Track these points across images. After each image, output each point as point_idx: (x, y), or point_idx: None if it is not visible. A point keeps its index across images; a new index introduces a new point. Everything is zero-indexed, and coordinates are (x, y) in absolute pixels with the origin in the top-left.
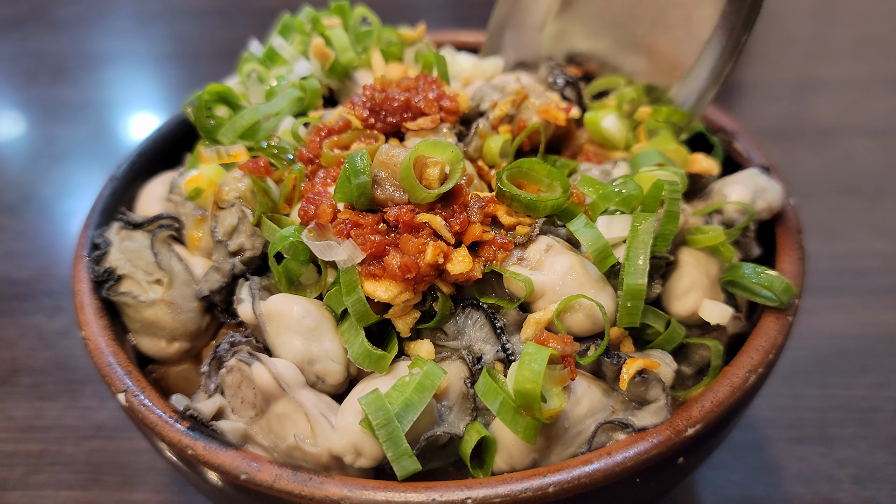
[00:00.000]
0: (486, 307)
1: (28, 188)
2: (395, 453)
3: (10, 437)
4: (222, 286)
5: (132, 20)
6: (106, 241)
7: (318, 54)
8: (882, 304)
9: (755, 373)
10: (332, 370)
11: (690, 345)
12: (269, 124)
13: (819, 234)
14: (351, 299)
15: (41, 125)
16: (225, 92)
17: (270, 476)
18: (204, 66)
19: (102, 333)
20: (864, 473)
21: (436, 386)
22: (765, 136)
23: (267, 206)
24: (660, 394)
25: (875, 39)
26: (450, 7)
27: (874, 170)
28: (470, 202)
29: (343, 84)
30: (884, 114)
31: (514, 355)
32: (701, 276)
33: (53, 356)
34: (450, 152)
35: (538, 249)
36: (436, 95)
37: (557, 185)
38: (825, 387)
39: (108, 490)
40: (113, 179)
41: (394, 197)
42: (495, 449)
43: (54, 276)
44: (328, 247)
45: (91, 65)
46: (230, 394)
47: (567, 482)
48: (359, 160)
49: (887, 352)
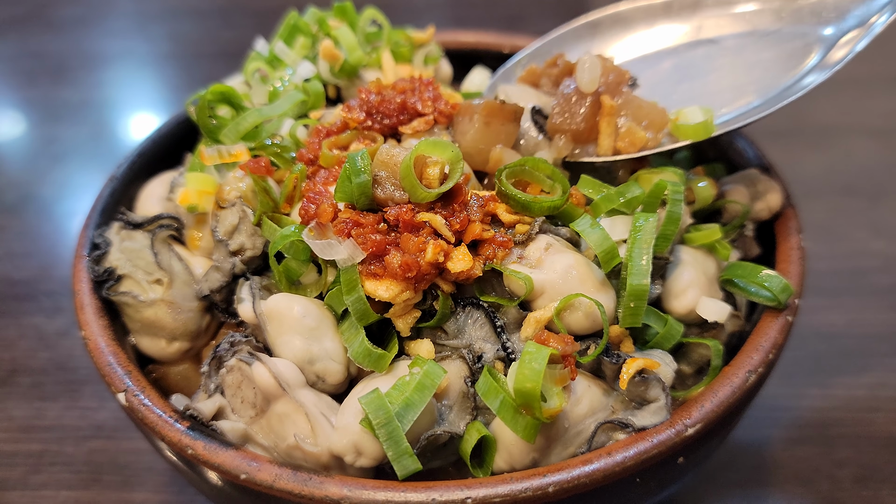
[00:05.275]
0: (487, 306)
1: (28, 188)
2: (395, 452)
3: (10, 437)
4: (223, 285)
5: (132, 20)
6: (106, 241)
7: (328, 56)
8: (882, 304)
9: (755, 373)
10: (332, 370)
11: (690, 344)
12: (272, 126)
13: (819, 234)
14: (351, 298)
15: (41, 125)
16: (228, 92)
17: (270, 476)
18: (204, 66)
19: (102, 333)
20: (865, 473)
21: (436, 385)
22: (765, 136)
23: (268, 205)
24: (660, 393)
25: (875, 39)
26: (450, 7)
27: (874, 170)
28: (469, 201)
29: (351, 83)
30: (884, 114)
31: (514, 354)
32: (699, 274)
33: (53, 356)
34: (450, 152)
35: (538, 248)
36: (431, 96)
37: (558, 185)
38: (825, 387)
39: (108, 490)
40: (113, 179)
41: (394, 196)
42: (495, 448)
43: (54, 276)
44: (329, 246)
45: (91, 65)
46: (230, 393)
47: (567, 482)
48: (359, 160)
49: (887, 352)
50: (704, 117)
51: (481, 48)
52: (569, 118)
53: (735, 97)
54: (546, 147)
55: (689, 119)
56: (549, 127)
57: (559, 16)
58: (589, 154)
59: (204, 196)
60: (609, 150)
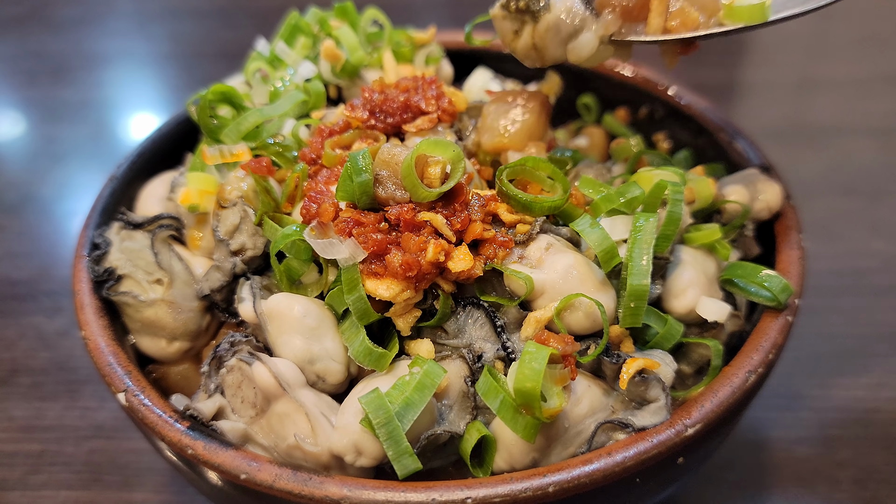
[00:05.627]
0: (487, 305)
1: (28, 188)
2: (395, 452)
3: (10, 437)
4: (223, 285)
5: (132, 20)
6: (106, 241)
7: (330, 56)
8: (882, 304)
9: (755, 373)
10: (332, 369)
11: (690, 344)
12: (272, 126)
13: (819, 234)
14: (352, 297)
15: (41, 125)
16: (229, 92)
17: (270, 476)
18: (204, 66)
19: (102, 333)
20: (864, 474)
21: (436, 385)
22: (765, 136)
23: (269, 205)
24: (660, 394)
25: (875, 39)
26: (449, 7)
27: (874, 170)
28: (470, 200)
29: (353, 82)
30: (884, 114)
31: (514, 354)
32: (699, 273)
33: (53, 356)
34: (451, 151)
35: (538, 248)
36: (434, 94)
37: (559, 185)
38: (825, 387)
39: (108, 490)
40: (113, 179)
41: (395, 195)
42: (495, 448)
43: (54, 276)
44: (330, 245)
45: (91, 65)
46: (230, 393)
47: (567, 482)
48: (361, 159)
49: (887, 352)
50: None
51: (481, 48)
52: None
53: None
54: (592, 23)
55: (745, 1)
56: (599, 2)
57: None
58: (637, 33)
59: (205, 196)
60: (659, 30)
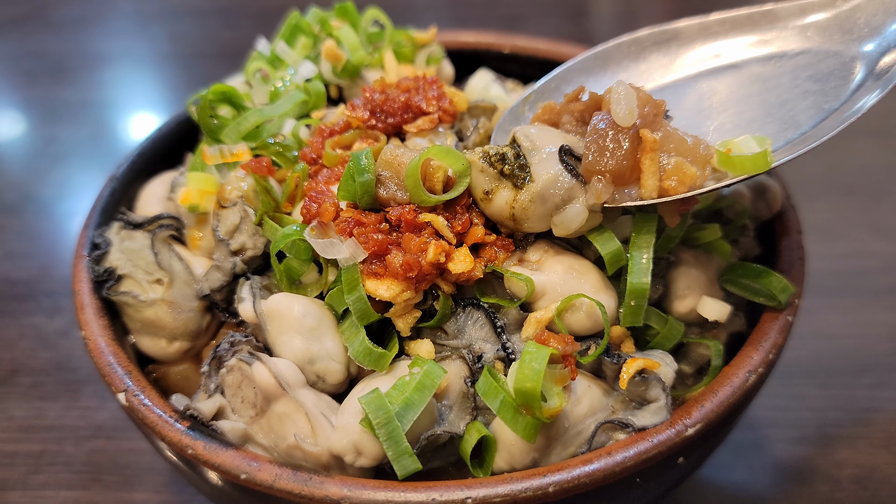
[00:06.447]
0: (487, 306)
1: (28, 188)
2: (395, 452)
3: (10, 437)
4: (223, 285)
5: (132, 20)
6: (106, 241)
7: (331, 56)
8: (882, 304)
9: (755, 373)
10: (332, 369)
11: (690, 344)
12: (273, 126)
13: (819, 234)
14: (352, 297)
15: (41, 125)
16: (229, 92)
17: (270, 476)
18: (204, 66)
19: (102, 333)
20: (864, 473)
21: (436, 385)
22: None
23: (269, 205)
24: (660, 394)
25: None
26: (450, 7)
27: (874, 170)
28: (471, 203)
29: (354, 82)
30: (884, 114)
31: (514, 354)
32: (699, 273)
33: (53, 356)
34: (460, 164)
35: (539, 250)
36: (435, 95)
37: None
38: (825, 387)
39: (108, 490)
40: (113, 179)
41: (396, 196)
42: (495, 448)
43: (54, 276)
44: (330, 245)
45: (91, 65)
46: (230, 393)
47: (567, 482)
48: (363, 159)
49: (887, 352)
50: (760, 147)
51: (481, 48)
52: (608, 156)
53: (781, 127)
54: (581, 192)
55: (743, 150)
56: (585, 168)
57: (559, 16)
58: (631, 197)
59: (205, 195)
60: (654, 191)
